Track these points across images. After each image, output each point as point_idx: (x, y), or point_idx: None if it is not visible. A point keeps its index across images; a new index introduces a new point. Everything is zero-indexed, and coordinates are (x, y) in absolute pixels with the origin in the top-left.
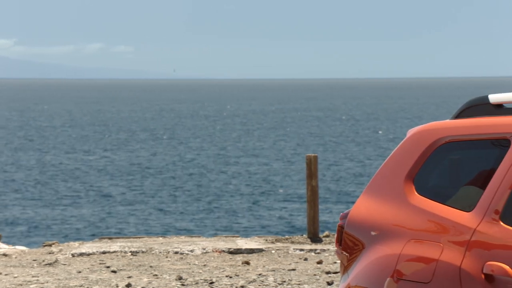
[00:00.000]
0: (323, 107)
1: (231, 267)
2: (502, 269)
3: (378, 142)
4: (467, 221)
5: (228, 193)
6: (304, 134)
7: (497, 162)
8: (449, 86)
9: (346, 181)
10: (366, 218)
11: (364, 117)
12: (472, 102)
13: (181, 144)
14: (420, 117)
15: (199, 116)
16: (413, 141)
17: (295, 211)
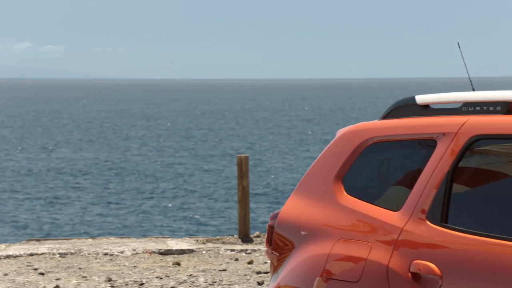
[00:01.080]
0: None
1: (161, 268)
2: (428, 268)
3: (310, 142)
4: (395, 220)
5: (159, 193)
6: (236, 134)
7: (424, 162)
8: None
9: (277, 181)
10: (296, 218)
11: (306, 117)
12: (400, 103)
13: (108, 145)
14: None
15: (128, 117)
16: (342, 142)
17: (227, 212)
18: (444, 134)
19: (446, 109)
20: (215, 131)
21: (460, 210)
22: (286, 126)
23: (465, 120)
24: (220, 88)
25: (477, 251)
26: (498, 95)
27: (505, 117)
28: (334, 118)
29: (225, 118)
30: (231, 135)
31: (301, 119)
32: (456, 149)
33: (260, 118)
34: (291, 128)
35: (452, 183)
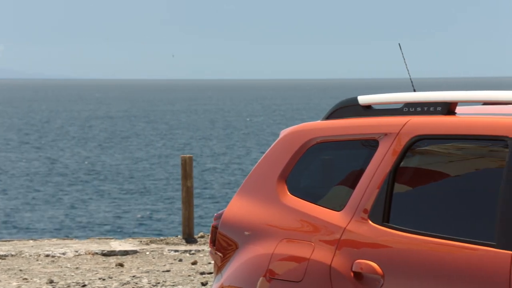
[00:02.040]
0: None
1: (104, 270)
2: (370, 267)
3: (254, 142)
4: (337, 220)
5: (102, 194)
6: (181, 134)
7: (366, 162)
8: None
9: (222, 181)
10: (240, 218)
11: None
12: (342, 103)
13: (49, 146)
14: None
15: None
16: (285, 142)
17: (171, 212)
18: (385, 134)
19: (387, 110)
20: (160, 131)
21: (402, 210)
22: (231, 126)
23: (407, 120)
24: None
25: (418, 250)
26: (438, 96)
27: (446, 118)
28: (283, 118)
29: (173, 118)
30: (176, 135)
31: (247, 119)
32: (398, 149)
33: (208, 119)
34: (236, 128)
35: (393, 183)
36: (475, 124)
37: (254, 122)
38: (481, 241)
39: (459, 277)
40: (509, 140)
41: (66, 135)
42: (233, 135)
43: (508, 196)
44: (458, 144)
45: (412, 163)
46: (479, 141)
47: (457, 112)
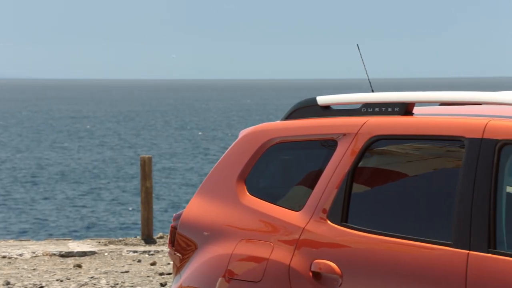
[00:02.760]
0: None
1: (62, 271)
2: (328, 267)
3: (214, 143)
4: (296, 220)
5: (60, 194)
6: (140, 135)
7: (325, 162)
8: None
9: (181, 182)
10: (199, 219)
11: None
12: (301, 103)
13: (10, 147)
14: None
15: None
16: (245, 142)
17: (130, 213)
18: (344, 134)
19: (346, 110)
20: (119, 132)
21: (360, 210)
22: (190, 127)
23: (365, 120)
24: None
25: (376, 250)
26: (396, 96)
27: (403, 118)
28: (243, 118)
29: (134, 119)
30: (135, 136)
31: (207, 120)
32: (356, 150)
33: (167, 119)
34: (196, 129)
35: (352, 183)
36: (432, 124)
37: (214, 123)
38: (438, 240)
39: (417, 276)
40: (466, 140)
41: (34, 134)
42: (194, 136)
43: (464, 196)
44: (415, 144)
45: (371, 163)
46: (436, 141)
47: (415, 113)
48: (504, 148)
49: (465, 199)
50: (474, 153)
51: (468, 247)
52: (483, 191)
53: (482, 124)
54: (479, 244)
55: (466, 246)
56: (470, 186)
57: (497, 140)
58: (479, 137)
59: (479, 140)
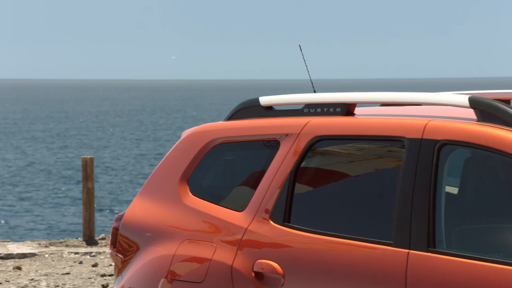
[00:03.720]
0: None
1: (1, 273)
2: (271, 267)
3: (157, 144)
4: (239, 220)
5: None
6: (83, 135)
7: (268, 162)
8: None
9: (123, 183)
10: (141, 220)
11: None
12: (244, 104)
13: None
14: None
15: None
16: (187, 143)
17: (71, 214)
18: (286, 135)
19: (288, 111)
20: (61, 132)
21: (303, 210)
22: (133, 128)
23: (307, 121)
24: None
25: (318, 250)
26: (338, 97)
27: (345, 118)
28: (185, 119)
29: (76, 119)
30: (77, 136)
31: (149, 120)
32: (299, 150)
33: (109, 120)
34: (138, 130)
35: (294, 183)
36: (373, 124)
37: (155, 123)
38: (379, 240)
39: (358, 275)
40: (406, 140)
41: None
42: (137, 136)
43: (404, 196)
44: (357, 145)
45: (313, 163)
46: (377, 141)
47: (356, 113)
48: (443, 148)
49: (405, 199)
50: (414, 153)
51: (408, 246)
52: (423, 191)
53: (422, 124)
54: (419, 243)
55: (406, 246)
56: (410, 186)
57: (436, 140)
58: (419, 137)
59: (419, 140)
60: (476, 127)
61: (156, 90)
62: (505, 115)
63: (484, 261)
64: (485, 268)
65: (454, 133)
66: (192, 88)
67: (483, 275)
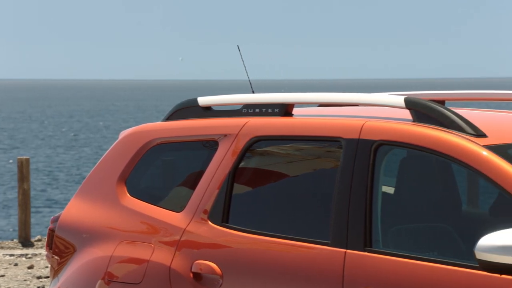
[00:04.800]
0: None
1: None
2: (209, 267)
3: (95, 144)
4: (178, 221)
5: None
6: (17, 136)
7: (206, 163)
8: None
9: (60, 184)
10: (78, 221)
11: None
12: (182, 104)
13: None
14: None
15: None
16: (125, 143)
17: (6, 215)
18: (225, 135)
19: (227, 111)
20: None
21: (241, 210)
22: (70, 128)
23: (245, 121)
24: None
25: (257, 250)
26: (275, 98)
27: (283, 119)
28: (123, 119)
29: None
30: (11, 136)
31: (83, 121)
32: (237, 150)
33: (45, 120)
34: (75, 130)
35: (233, 184)
36: (311, 125)
37: (89, 124)
38: (317, 240)
39: (296, 275)
40: (343, 140)
41: None
42: (73, 137)
43: (342, 196)
44: (295, 145)
45: (251, 164)
46: (315, 141)
47: (294, 114)
48: (380, 149)
49: (343, 199)
50: (351, 153)
51: (345, 246)
52: (359, 191)
53: (359, 125)
54: (355, 243)
55: (344, 245)
56: (347, 186)
57: (373, 140)
58: (356, 138)
59: (356, 140)
60: (411, 127)
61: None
62: (440, 116)
63: (419, 260)
64: (420, 267)
65: (390, 133)
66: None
67: (418, 273)
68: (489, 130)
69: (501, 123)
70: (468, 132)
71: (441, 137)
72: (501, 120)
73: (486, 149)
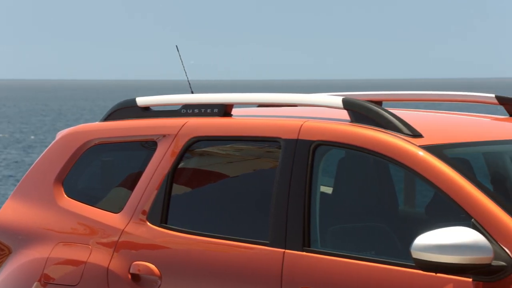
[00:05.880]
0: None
1: None
2: (147, 268)
3: (31, 144)
4: (116, 222)
5: None
6: None
7: (145, 163)
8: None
9: None
10: (13, 222)
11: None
12: (120, 104)
13: None
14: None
15: None
16: (62, 144)
17: None
18: (164, 135)
19: (166, 111)
20: None
21: (180, 211)
22: (10, 129)
23: (184, 122)
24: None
25: (196, 251)
26: (214, 98)
27: (222, 119)
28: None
29: None
30: None
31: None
32: (176, 151)
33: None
34: (13, 129)
35: (172, 184)
36: (250, 125)
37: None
38: (256, 240)
39: (235, 275)
40: (282, 141)
41: None
42: (8, 136)
43: (280, 196)
44: (235, 145)
45: (190, 164)
46: (254, 142)
47: (233, 114)
48: (318, 149)
49: (281, 199)
50: (290, 153)
51: (284, 246)
52: (298, 191)
53: (298, 125)
54: (294, 243)
55: (282, 245)
56: (286, 186)
57: (311, 141)
58: (294, 138)
59: (295, 141)
60: (349, 127)
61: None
62: (376, 116)
63: (356, 260)
64: (358, 266)
65: (328, 133)
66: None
67: (356, 273)
68: (425, 131)
69: (437, 123)
70: (404, 133)
71: (378, 138)
72: (437, 120)
73: (422, 149)
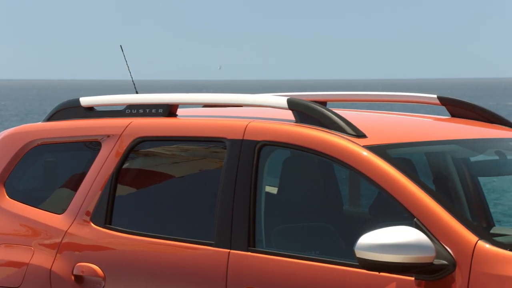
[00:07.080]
0: None
1: None
2: (91, 270)
3: None
4: (59, 223)
5: None
6: None
7: (89, 164)
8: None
9: None
10: None
11: None
12: (64, 104)
13: None
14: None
15: None
16: (4, 144)
17: None
18: (108, 136)
19: (110, 111)
20: None
21: (125, 212)
22: None
23: (129, 122)
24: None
25: (140, 252)
26: (159, 98)
27: (167, 120)
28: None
29: None
30: None
31: None
32: (120, 151)
33: None
34: None
35: (116, 185)
36: (195, 125)
37: None
38: (202, 240)
39: (181, 276)
40: (227, 141)
41: None
42: None
43: (225, 196)
44: (180, 146)
45: (135, 165)
46: (199, 142)
47: (179, 114)
48: (263, 149)
49: (226, 200)
50: (235, 154)
51: (229, 246)
52: (243, 192)
53: (243, 125)
54: (239, 243)
55: (227, 246)
56: (231, 186)
57: (257, 141)
58: (240, 138)
59: (240, 141)
60: (294, 128)
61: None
62: (321, 116)
63: (301, 259)
64: (302, 266)
65: (273, 134)
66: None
67: (300, 272)
68: (368, 131)
69: (380, 123)
70: (348, 133)
71: (322, 138)
72: (380, 121)
73: (366, 149)
